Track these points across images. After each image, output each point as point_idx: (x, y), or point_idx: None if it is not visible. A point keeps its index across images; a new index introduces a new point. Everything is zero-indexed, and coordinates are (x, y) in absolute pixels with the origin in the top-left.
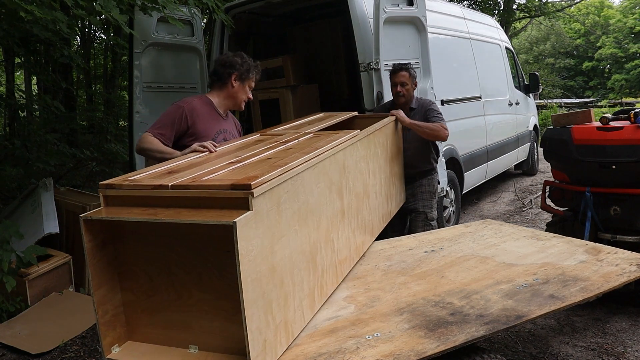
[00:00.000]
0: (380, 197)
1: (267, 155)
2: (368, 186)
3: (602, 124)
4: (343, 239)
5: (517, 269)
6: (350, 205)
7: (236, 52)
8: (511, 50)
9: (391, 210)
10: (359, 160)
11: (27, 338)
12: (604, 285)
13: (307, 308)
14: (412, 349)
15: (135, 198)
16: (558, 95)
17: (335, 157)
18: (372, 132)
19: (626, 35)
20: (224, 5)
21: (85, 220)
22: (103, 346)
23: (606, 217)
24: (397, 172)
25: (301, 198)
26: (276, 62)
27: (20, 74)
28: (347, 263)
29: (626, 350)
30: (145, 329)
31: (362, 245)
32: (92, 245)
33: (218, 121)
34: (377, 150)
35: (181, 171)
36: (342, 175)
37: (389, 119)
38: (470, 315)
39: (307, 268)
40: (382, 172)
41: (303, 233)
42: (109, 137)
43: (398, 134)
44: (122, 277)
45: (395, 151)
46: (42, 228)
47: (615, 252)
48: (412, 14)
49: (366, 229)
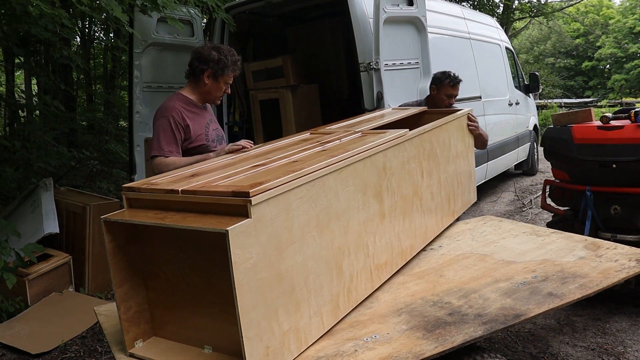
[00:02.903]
0: (439, 197)
1: (296, 158)
2: (421, 187)
3: (603, 123)
4: (382, 243)
5: (516, 267)
6: (393, 208)
7: (215, 45)
8: (511, 50)
9: (455, 210)
10: (407, 161)
11: (27, 338)
12: (603, 282)
13: (329, 314)
14: (410, 351)
15: (153, 201)
16: (558, 95)
17: (372, 159)
18: (426, 131)
19: (626, 35)
20: (224, 5)
21: (106, 221)
22: (126, 341)
23: (606, 216)
24: (465, 169)
25: (321, 203)
26: (276, 62)
27: (20, 74)
28: (388, 268)
29: (626, 350)
30: (168, 327)
31: (410, 249)
32: (113, 246)
33: (203, 115)
34: (435, 148)
35: (204, 174)
36: (382, 177)
37: (453, 116)
38: (469, 315)
39: (329, 274)
40: (441, 171)
41: (324, 239)
42: (107, 138)
43: (465, 130)
44: (146, 275)
45: (463, 148)
46: (42, 228)
47: (615, 247)
48: (412, 14)
49: (417, 232)
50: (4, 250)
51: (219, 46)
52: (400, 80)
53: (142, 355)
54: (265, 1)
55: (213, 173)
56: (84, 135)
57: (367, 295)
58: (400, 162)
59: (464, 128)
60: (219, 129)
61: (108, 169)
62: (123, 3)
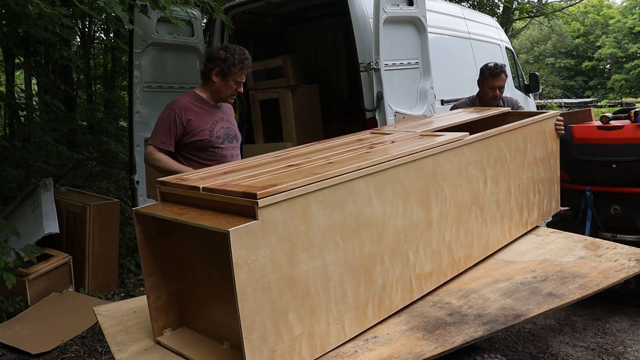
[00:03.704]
0: (507, 206)
1: (334, 159)
2: (482, 195)
3: (603, 123)
4: (428, 252)
5: (515, 267)
6: (444, 216)
7: (225, 45)
8: (511, 50)
9: (530, 221)
10: (465, 166)
11: (27, 338)
12: (602, 281)
13: (352, 322)
14: (410, 352)
15: (180, 197)
16: (558, 95)
17: (418, 164)
18: (491, 135)
19: (626, 35)
20: (224, 6)
21: (136, 213)
22: (154, 329)
23: (606, 216)
24: (546, 177)
25: (348, 208)
26: (276, 62)
27: (20, 74)
28: (434, 278)
29: (626, 350)
30: (197, 319)
31: (465, 260)
32: (143, 237)
33: (212, 113)
34: (505, 154)
35: (237, 172)
36: (431, 182)
37: (531, 119)
38: (469, 315)
39: (354, 281)
40: (512, 179)
41: (350, 244)
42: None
43: (550, 134)
44: (177, 268)
45: (543, 154)
46: (42, 228)
47: (614, 247)
48: (412, 14)
49: (474, 243)
50: (4, 250)
51: (228, 45)
52: (400, 80)
53: (166, 344)
54: (265, 1)
55: (245, 171)
56: (84, 135)
57: (404, 305)
58: (455, 168)
59: (546, 132)
60: (232, 128)
61: (108, 169)
62: (123, 3)
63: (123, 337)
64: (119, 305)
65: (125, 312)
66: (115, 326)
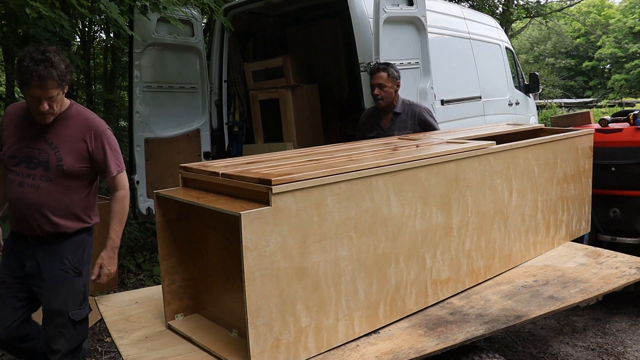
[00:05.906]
0: (533, 221)
1: (357, 157)
2: (507, 206)
3: (601, 126)
4: (446, 258)
5: (516, 271)
6: (464, 223)
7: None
8: (511, 50)
9: (557, 239)
10: (490, 175)
11: None
12: (603, 287)
13: (363, 320)
14: (412, 347)
15: (200, 182)
16: (558, 95)
17: (440, 168)
18: (519, 147)
19: (626, 35)
20: (223, 6)
21: (157, 196)
22: (166, 312)
23: (606, 218)
24: (576, 195)
25: (365, 204)
26: (276, 62)
27: None
28: (451, 286)
29: (626, 350)
30: (209, 306)
31: (485, 271)
32: (162, 220)
33: (26, 126)
34: (533, 167)
35: (261, 162)
36: (453, 188)
37: (562, 135)
38: (470, 315)
39: (367, 278)
40: (539, 193)
41: (365, 241)
42: None
43: (583, 152)
44: (194, 254)
45: (575, 171)
46: None
47: (615, 255)
48: (412, 14)
49: (496, 254)
50: None
51: (27, 52)
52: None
53: (176, 328)
54: (265, 1)
55: (267, 162)
56: None
57: (418, 310)
58: (480, 176)
59: (578, 149)
60: (46, 151)
61: None
62: (123, 4)
63: (124, 325)
64: (120, 295)
65: (126, 302)
66: (116, 315)
